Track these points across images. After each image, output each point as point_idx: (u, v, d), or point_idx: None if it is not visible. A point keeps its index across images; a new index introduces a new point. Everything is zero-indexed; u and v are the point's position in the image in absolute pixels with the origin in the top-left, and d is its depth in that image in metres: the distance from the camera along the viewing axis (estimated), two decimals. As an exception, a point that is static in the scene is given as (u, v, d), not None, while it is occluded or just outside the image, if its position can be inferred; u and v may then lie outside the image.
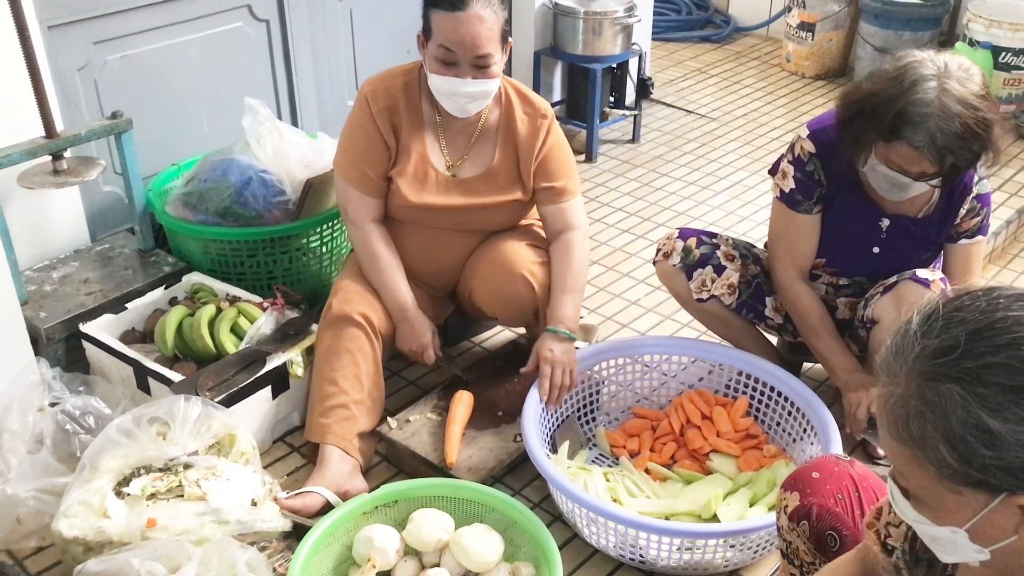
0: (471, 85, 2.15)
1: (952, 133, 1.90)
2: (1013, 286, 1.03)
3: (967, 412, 0.94)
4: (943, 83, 1.91)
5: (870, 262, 2.24)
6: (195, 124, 3.01)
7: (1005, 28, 4.08)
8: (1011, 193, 3.60)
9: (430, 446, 2.19)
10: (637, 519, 1.91)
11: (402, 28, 3.53)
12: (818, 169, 2.19)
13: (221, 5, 2.97)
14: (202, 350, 2.30)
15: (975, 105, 1.90)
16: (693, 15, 5.30)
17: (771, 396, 2.30)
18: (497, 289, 2.33)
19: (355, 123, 2.30)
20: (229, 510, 1.87)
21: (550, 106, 2.38)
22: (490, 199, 2.32)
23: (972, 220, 2.19)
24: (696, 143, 4.07)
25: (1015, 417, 0.92)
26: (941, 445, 0.95)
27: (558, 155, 2.34)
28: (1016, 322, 0.95)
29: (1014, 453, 0.92)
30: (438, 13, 2.12)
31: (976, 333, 0.96)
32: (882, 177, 2.05)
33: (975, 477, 0.95)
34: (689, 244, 2.35)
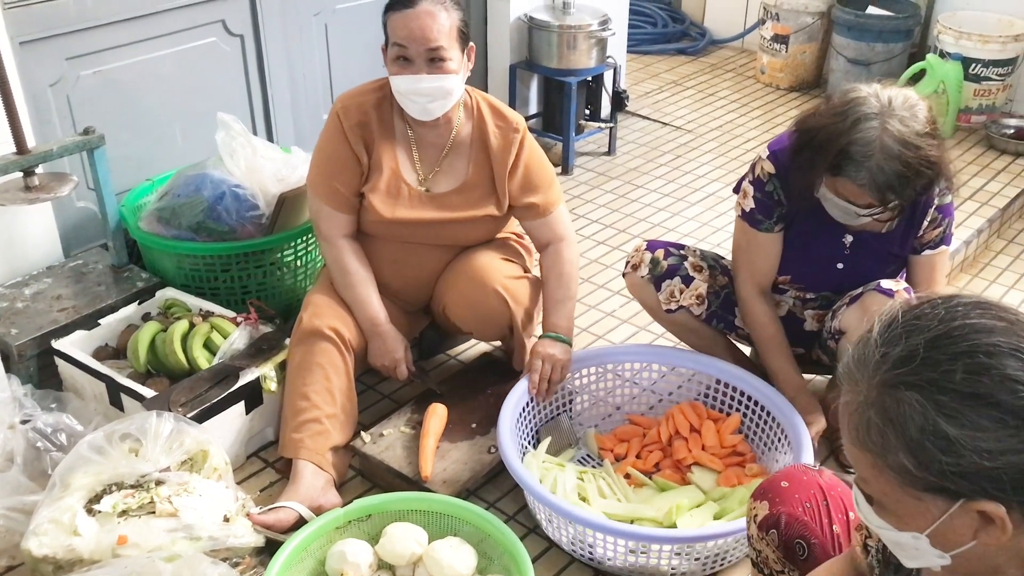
0: (427, 81, 2.17)
1: (893, 172, 1.92)
2: (973, 293, 1.05)
3: (925, 419, 0.95)
4: (885, 122, 1.92)
5: (835, 277, 2.26)
6: (169, 139, 3.00)
7: (975, 40, 4.13)
8: (982, 203, 3.64)
9: (404, 460, 2.19)
10: (582, 515, 1.94)
11: (377, 42, 3.49)
12: (777, 189, 2.20)
13: (195, 20, 2.97)
14: (175, 366, 2.29)
15: (916, 144, 1.92)
16: (668, 28, 5.34)
17: (747, 404, 2.32)
18: (471, 304, 2.34)
19: (327, 139, 2.30)
20: (201, 526, 1.86)
21: (523, 119, 2.38)
22: (463, 214, 2.33)
23: (934, 231, 2.21)
24: (671, 155, 4.09)
25: (971, 424, 0.93)
26: (900, 452, 0.97)
27: (535, 169, 2.35)
28: (973, 329, 0.96)
29: (970, 459, 0.93)
30: (391, 15, 2.18)
31: (935, 341, 0.97)
32: (834, 205, 2.08)
33: (934, 483, 0.96)
34: (657, 256, 2.37)
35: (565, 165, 3.89)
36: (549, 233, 2.37)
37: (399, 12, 2.16)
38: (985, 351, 0.95)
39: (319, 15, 3.33)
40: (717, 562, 1.98)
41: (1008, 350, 0.95)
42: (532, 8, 3.81)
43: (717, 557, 1.96)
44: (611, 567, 2.00)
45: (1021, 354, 0.94)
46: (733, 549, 1.96)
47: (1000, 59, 4.15)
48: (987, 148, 4.12)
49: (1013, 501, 0.95)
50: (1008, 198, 3.67)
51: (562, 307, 2.32)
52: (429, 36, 2.14)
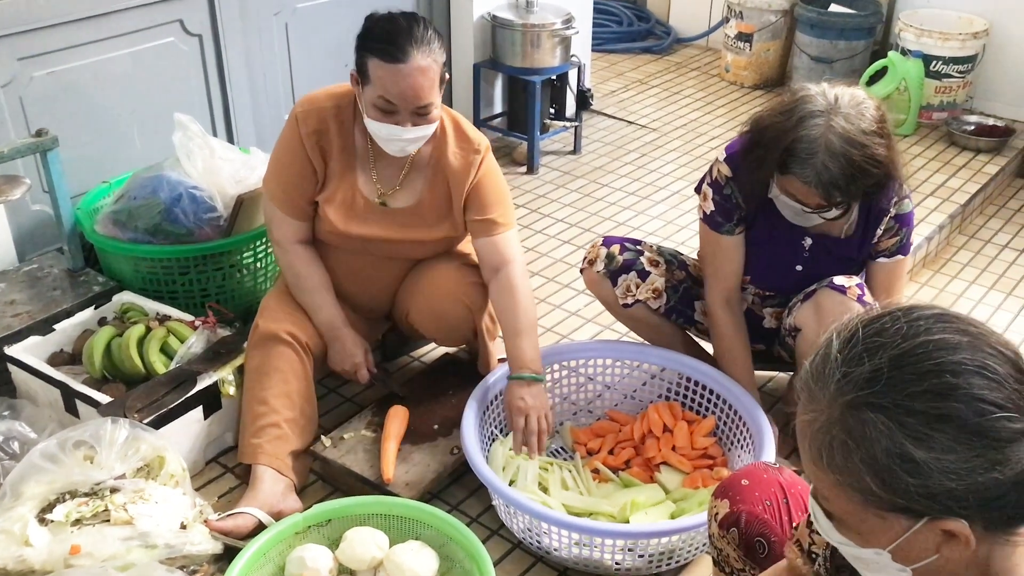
0: (411, 132, 2.08)
1: (838, 170, 1.92)
2: (932, 304, 1.02)
3: (891, 441, 0.93)
4: (830, 120, 1.92)
5: (794, 279, 2.27)
6: (127, 141, 2.96)
7: (935, 37, 4.17)
8: (943, 199, 3.67)
9: (366, 463, 2.16)
10: (525, 503, 1.94)
11: (339, 41, 3.50)
12: (735, 193, 2.20)
13: (152, 20, 2.93)
14: (131, 371, 2.25)
15: (862, 143, 1.92)
16: (634, 26, 5.35)
17: (714, 402, 2.33)
18: (434, 315, 2.32)
19: (284, 144, 2.24)
20: (157, 534, 1.83)
21: (487, 141, 2.29)
22: (418, 234, 2.28)
23: (890, 240, 2.21)
24: (636, 153, 4.09)
25: (939, 446, 0.92)
26: (865, 474, 0.95)
27: (490, 187, 2.26)
28: (937, 347, 0.95)
29: (937, 480, 0.92)
30: (377, 63, 2.02)
31: (898, 360, 0.95)
32: (785, 205, 2.09)
33: (899, 503, 0.95)
34: (612, 251, 2.38)
35: (530, 164, 3.88)
36: (498, 255, 2.24)
37: (388, 65, 2.01)
38: (951, 370, 0.93)
39: (279, 15, 3.30)
40: (664, 561, 1.98)
41: (974, 368, 0.93)
42: (495, 7, 3.79)
43: (663, 556, 1.96)
44: (559, 558, 2.01)
45: (987, 372, 0.93)
46: (681, 549, 1.96)
47: (960, 56, 4.19)
48: (948, 144, 4.16)
49: (976, 517, 0.95)
50: (969, 194, 3.71)
51: (526, 339, 2.19)
52: (420, 95, 2.03)
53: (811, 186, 1.96)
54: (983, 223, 3.75)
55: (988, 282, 3.33)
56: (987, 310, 3.17)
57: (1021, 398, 0.94)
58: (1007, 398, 0.93)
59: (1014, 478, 0.93)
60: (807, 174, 1.95)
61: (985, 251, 3.54)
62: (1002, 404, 0.92)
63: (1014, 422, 0.92)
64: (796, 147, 1.94)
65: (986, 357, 0.94)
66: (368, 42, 2.06)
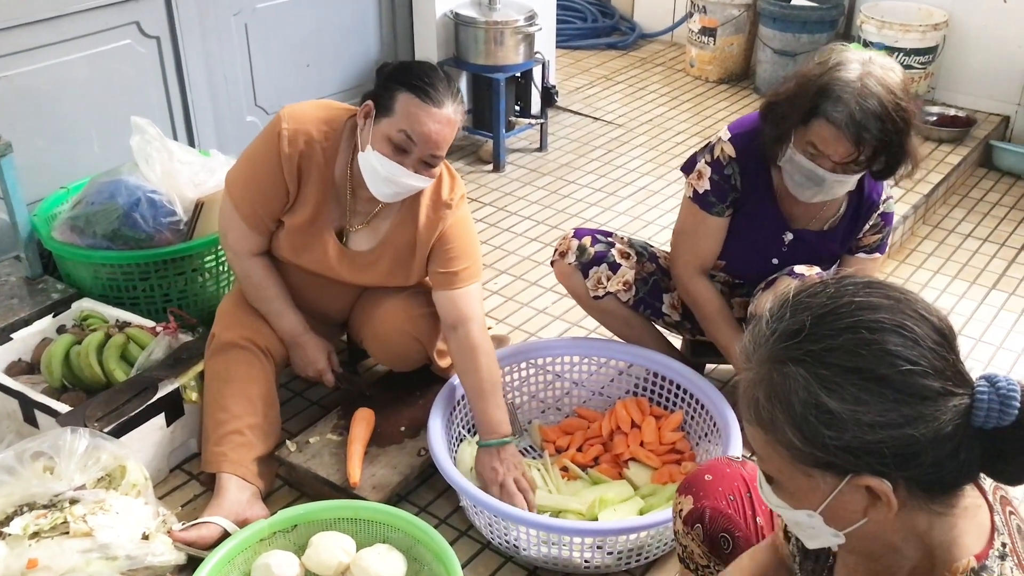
0: (412, 179, 2.02)
1: (870, 111, 1.92)
2: (868, 276, 1.05)
3: (808, 392, 0.96)
4: (867, 67, 1.96)
5: (769, 271, 2.27)
6: (85, 146, 2.92)
7: (896, 29, 4.20)
8: (907, 189, 3.69)
9: (332, 467, 2.14)
10: (493, 504, 1.93)
11: (300, 40, 3.48)
12: (736, 174, 2.20)
13: (108, 22, 2.89)
14: (91, 379, 2.22)
15: (895, 92, 1.94)
16: (598, 22, 5.35)
17: (682, 397, 2.33)
18: (385, 346, 2.31)
19: (259, 156, 2.14)
20: (118, 545, 1.80)
21: (462, 189, 2.21)
22: (371, 279, 2.24)
23: (874, 236, 2.24)
24: (603, 150, 4.09)
25: (852, 397, 0.95)
26: (787, 426, 0.98)
27: (457, 240, 2.18)
28: (859, 307, 0.98)
29: (852, 433, 0.95)
30: (410, 97, 1.96)
31: (821, 317, 0.98)
32: (798, 170, 2.05)
33: (821, 458, 0.97)
34: (584, 243, 2.37)
35: (496, 162, 3.87)
36: (456, 312, 2.16)
37: (422, 105, 1.96)
38: (868, 327, 0.96)
39: (239, 15, 3.26)
40: (633, 557, 1.98)
41: (891, 326, 0.96)
42: (458, 4, 3.78)
43: (632, 552, 1.96)
44: (528, 557, 2.00)
45: (904, 331, 0.96)
46: (650, 545, 1.96)
47: (921, 48, 4.22)
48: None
49: (898, 477, 0.97)
50: (932, 184, 3.73)
51: (490, 401, 2.11)
52: (442, 145, 2.00)
53: (840, 127, 1.94)
54: (946, 213, 3.78)
55: (952, 271, 3.36)
56: (951, 299, 3.20)
57: (939, 359, 0.96)
58: (921, 356, 0.95)
59: (931, 436, 0.94)
60: (839, 113, 1.93)
61: (949, 240, 3.57)
62: (915, 361, 0.95)
63: (928, 379, 0.95)
64: (831, 87, 1.95)
65: (905, 318, 0.97)
66: (406, 77, 2.00)
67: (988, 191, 3.96)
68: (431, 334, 2.28)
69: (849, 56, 1.98)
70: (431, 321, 2.26)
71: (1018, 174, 4.05)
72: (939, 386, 0.95)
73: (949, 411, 0.95)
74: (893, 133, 1.95)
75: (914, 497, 0.99)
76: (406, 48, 3.90)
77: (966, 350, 2.88)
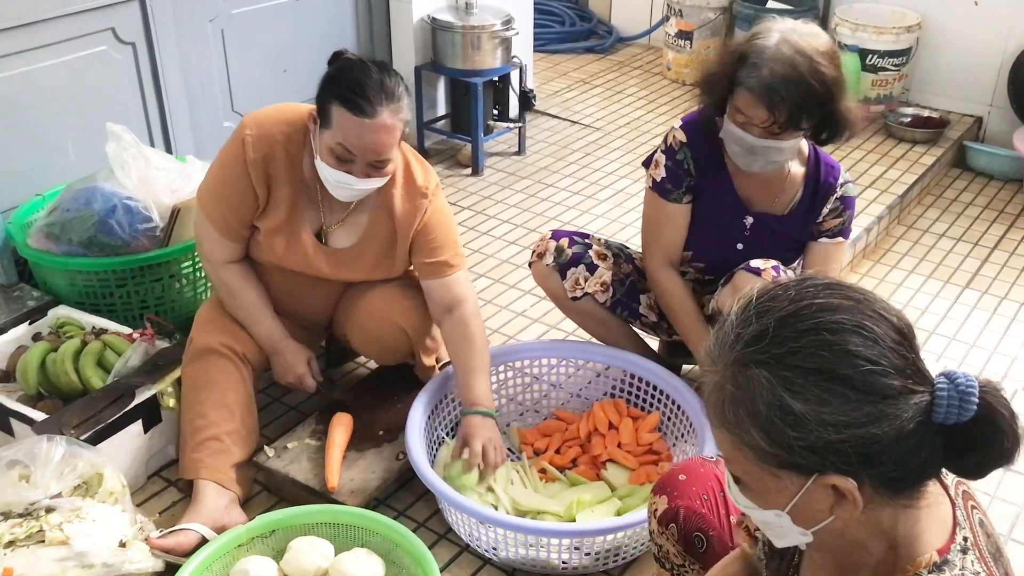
0: (362, 183, 2.04)
1: (781, 76, 1.97)
2: (828, 277, 1.07)
3: (772, 395, 0.97)
4: (785, 35, 2.00)
5: (735, 258, 2.30)
6: (60, 152, 2.90)
7: (870, 31, 4.24)
8: (882, 190, 3.73)
9: (310, 472, 2.14)
10: (471, 507, 1.94)
11: (277, 44, 3.48)
12: (688, 159, 2.24)
13: (83, 29, 2.87)
14: (67, 387, 2.21)
15: (811, 56, 1.98)
16: (576, 26, 5.37)
17: (658, 398, 2.34)
18: (372, 338, 2.30)
19: (226, 164, 2.14)
20: (94, 553, 1.79)
21: (436, 178, 2.23)
22: (355, 274, 2.25)
23: (834, 220, 2.26)
24: (581, 153, 4.11)
25: (815, 398, 0.96)
26: (752, 428, 0.99)
27: (438, 229, 2.21)
28: (820, 308, 0.99)
29: (816, 433, 0.96)
30: (342, 111, 1.96)
31: (783, 320, 1.00)
32: (732, 139, 2.11)
33: (786, 459, 0.99)
34: (561, 244, 2.39)
35: (475, 166, 3.87)
36: (450, 296, 2.21)
37: (355, 117, 1.95)
38: (829, 328, 0.97)
39: (215, 21, 3.26)
40: (610, 558, 1.99)
41: (851, 327, 0.97)
42: (435, 9, 3.79)
43: (610, 553, 1.97)
44: (506, 559, 2.01)
45: (864, 331, 0.97)
46: (627, 546, 1.97)
47: (895, 50, 4.26)
48: (886, 137, 4.23)
49: (862, 475, 0.98)
50: (906, 185, 3.77)
51: (479, 377, 2.17)
52: (381, 152, 1.99)
53: (755, 93, 2.00)
54: (921, 213, 3.82)
55: (926, 271, 3.40)
56: (926, 298, 3.23)
57: (899, 357, 0.98)
58: (882, 355, 0.97)
59: (894, 434, 0.96)
60: (753, 79, 1.99)
61: (923, 240, 3.61)
62: (876, 360, 0.96)
63: (889, 378, 0.96)
64: (749, 54, 2.01)
65: (865, 319, 0.98)
66: (337, 89, 1.98)
67: (962, 191, 4.00)
68: (418, 326, 2.28)
69: (772, 26, 2.04)
70: (418, 312, 2.27)
71: (991, 174, 4.10)
72: (900, 384, 0.97)
73: (910, 408, 0.96)
74: (809, 95, 1.99)
75: (879, 494, 1.00)
76: (383, 53, 3.90)
77: (939, 348, 2.94)
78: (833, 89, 2.01)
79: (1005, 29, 4.17)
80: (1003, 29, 4.18)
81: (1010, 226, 3.71)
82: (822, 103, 2.02)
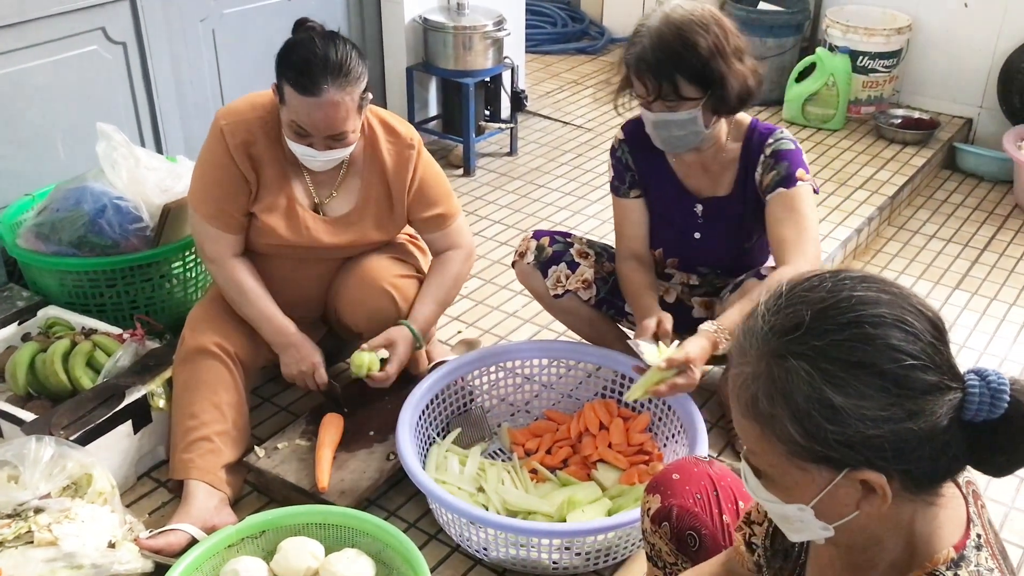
0: (325, 155, 2.11)
1: (650, 47, 2.03)
2: (861, 270, 1.06)
3: (812, 387, 0.96)
4: (665, 12, 2.06)
5: (696, 247, 2.33)
6: (50, 152, 2.89)
7: (861, 33, 4.25)
8: (872, 191, 3.74)
9: (300, 472, 2.14)
10: (462, 507, 1.94)
11: (268, 44, 3.42)
12: (626, 154, 2.32)
13: (73, 28, 2.87)
14: (56, 387, 2.20)
15: (680, 25, 2.02)
16: (568, 27, 5.37)
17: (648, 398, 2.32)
18: (361, 304, 2.29)
19: (211, 159, 2.18)
20: (83, 554, 1.79)
21: (416, 133, 2.31)
22: (358, 238, 2.27)
23: (769, 174, 2.17)
24: (572, 154, 4.11)
25: (856, 392, 0.95)
26: (787, 421, 0.97)
27: (432, 182, 2.30)
28: (860, 301, 0.98)
29: (855, 427, 0.95)
30: (291, 90, 2.01)
31: (822, 311, 0.98)
32: (649, 124, 2.16)
33: (820, 452, 0.97)
34: (542, 243, 2.42)
35: (466, 167, 3.87)
36: (447, 243, 2.35)
37: (301, 96, 2.00)
38: (870, 321, 0.96)
39: (205, 20, 3.25)
40: (601, 558, 1.99)
41: (892, 320, 0.96)
42: (426, 9, 3.79)
43: (600, 553, 1.97)
44: (496, 560, 2.01)
45: (905, 325, 0.96)
46: (618, 546, 1.97)
47: (885, 51, 4.28)
48: (876, 138, 4.24)
49: (894, 470, 0.97)
50: (897, 186, 3.79)
51: (430, 303, 2.29)
52: (333, 126, 2.04)
53: (632, 70, 2.08)
54: (911, 214, 3.83)
55: (917, 272, 3.41)
56: (916, 299, 3.24)
57: (937, 353, 0.97)
58: (922, 350, 0.96)
59: (928, 431, 0.96)
60: (631, 57, 2.08)
61: (913, 241, 3.62)
62: (917, 355, 0.95)
63: (928, 374, 0.96)
64: (632, 37, 2.08)
65: (905, 313, 0.97)
66: (284, 67, 2.04)
67: (952, 192, 4.02)
68: (407, 294, 2.30)
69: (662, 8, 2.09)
70: (412, 284, 2.32)
71: (980, 175, 4.12)
72: (937, 380, 0.96)
73: (945, 405, 0.96)
74: (678, 61, 2.02)
75: (906, 489, 1.00)
76: (375, 53, 3.90)
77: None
78: (708, 54, 2.02)
79: (995, 31, 4.19)
80: (993, 31, 4.20)
81: (999, 227, 3.72)
82: (699, 68, 2.03)
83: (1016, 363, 2.92)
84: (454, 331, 2.87)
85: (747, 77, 2.08)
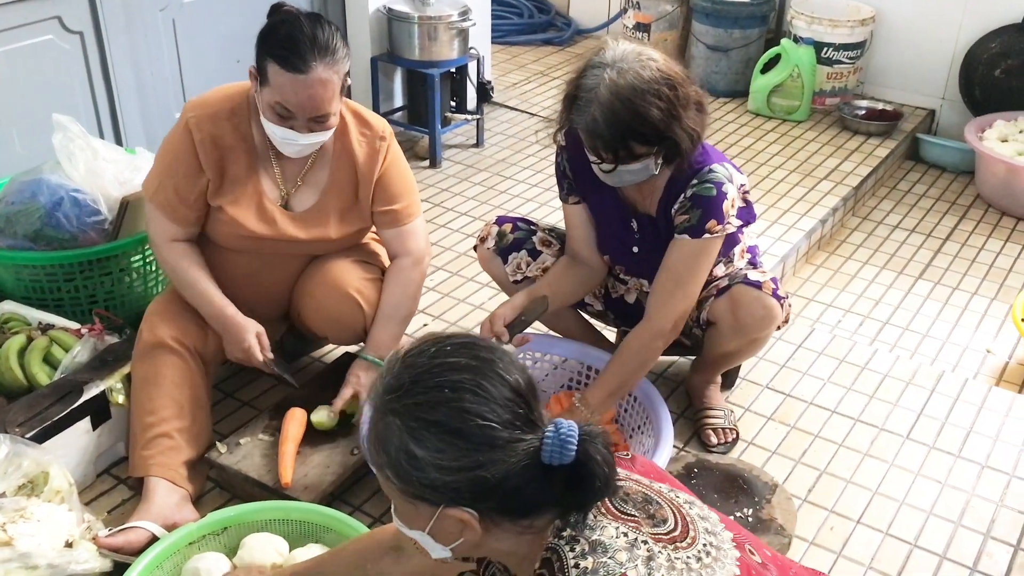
0: (307, 138, 2.06)
1: (603, 121, 1.93)
2: (469, 334, 1.25)
3: (401, 440, 1.14)
4: (610, 73, 1.93)
5: (636, 261, 2.29)
6: (6, 144, 2.84)
7: (825, 24, 4.27)
8: (836, 182, 3.77)
9: (263, 468, 2.11)
10: None
11: (230, 34, 3.42)
12: (564, 161, 2.25)
13: (27, 17, 2.81)
14: (12, 384, 2.16)
15: (631, 97, 1.91)
16: (535, 18, 5.35)
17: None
18: (325, 309, 2.27)
19: (173, 150, 2.14)
20: (39, 553, 1.75)
21: (388, 127, 2.27)
22: (323, 232, 2.24)
23: (682, 216, 2.11)
24: (539, 145, 4.09)
25: (432, 446, 1.13)
26: (387, 467, 1.17)
27: (396, 177, 2.26)
28: (449, 368, 1.16)
29: (434, 475, 1.14)
30: (276, 68, 1.97)
31: (419, 375, 1.16)
32: (598, 170, 2.06)
33: (415, 493, 1.17)
34: (504, 229, 2.39)
35: (432, 158, 3.85)
36: (400, 246, 2.29)
37: (288, 74, 1.96)
38: (449, 386, 1.14)
39: (165, 10, 3.20)
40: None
41: (469, 387, 1.14)
42: (391, 0, 3.75)
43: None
44: None
45: (480, 390, 1.14)
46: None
47: (850, 43, 4.31)
48: (841, 129, 4.27)
49: (480, 507, 1.16)
50: (861, 177, 3.81)
51: (388, 325, 2.26)
52: (319, 106, 2.00)
53: (584, 137, 2.00)
54: (875, 205, 3.86)
55: (881, 262, 3.44)
56: (880, 289, 3.27)
57: (509, 413, 1.15)
58: (493, 411, 1.14)
59: (501, 476, 1.13)
60: (580, 123, 1.98)
61: (877, 232, 3.65)
62: (487, 416, 1.13)
63: (498, 431, 1.13)
64: (577, 96, 1.98)
65: (484, 379, 1.15)
66: (269, 45, 1.99)
67: (915, 183, 4.06)
68: (371, 299, 2.27)
69: (599, 59, 1.96)
70: (376, 286, 2.29)
71: (943, 166, 4.16)
72: (508, 435, 1.13)
73: (519, 454, 1.13)
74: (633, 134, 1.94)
75: (498, 521, 1.18)
76: (339, 44, 3.85)
77: (893, 338, 2.97)
78: (662, 122, 1.94)
79: (957, 23, 4.23)
80: (955, 23, 4.24)
81: (961, 217, 3.76)
82: (652, 135, 1.96)
83: (977, 351, 2.95)
84: (420, 324, 2.85)
85: (701, 127, 2.02)
